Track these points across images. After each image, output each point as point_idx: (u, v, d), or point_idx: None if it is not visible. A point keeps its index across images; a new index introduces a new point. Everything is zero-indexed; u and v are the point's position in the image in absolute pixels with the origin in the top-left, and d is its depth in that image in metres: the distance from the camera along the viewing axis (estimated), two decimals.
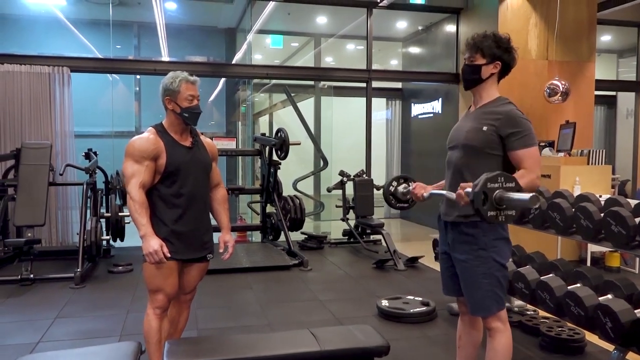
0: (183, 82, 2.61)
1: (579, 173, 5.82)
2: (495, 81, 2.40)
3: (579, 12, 7.34)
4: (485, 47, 2.34)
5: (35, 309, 4.29)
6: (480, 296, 2.34)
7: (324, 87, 9.74)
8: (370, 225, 6.55)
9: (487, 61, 2.35)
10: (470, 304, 2.41)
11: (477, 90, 2.42)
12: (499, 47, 2.34)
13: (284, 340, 2.62)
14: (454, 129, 2.52)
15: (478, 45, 2.36)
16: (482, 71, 2.36)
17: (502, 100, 2.39)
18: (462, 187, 2.07)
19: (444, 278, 2.58)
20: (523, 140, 2.25)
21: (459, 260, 2.39)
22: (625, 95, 9.84)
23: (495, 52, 2.34)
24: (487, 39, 2.35)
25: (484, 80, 2.38)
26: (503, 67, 2.38)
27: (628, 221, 2.68)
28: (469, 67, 2.40)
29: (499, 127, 2.28)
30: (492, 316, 2.36)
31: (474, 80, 2.39)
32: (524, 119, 2.29)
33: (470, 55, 2.39)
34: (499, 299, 2.36)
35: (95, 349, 2.55)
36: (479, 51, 2.36)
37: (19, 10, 8.01)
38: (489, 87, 2.40)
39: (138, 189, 2.48)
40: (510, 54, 2.37)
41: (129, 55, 8.84)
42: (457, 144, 2.43)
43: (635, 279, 3.38)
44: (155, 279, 2.58)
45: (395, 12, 8.79)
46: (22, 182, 5.41)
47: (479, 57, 2.36)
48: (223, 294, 4.79)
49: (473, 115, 2.42)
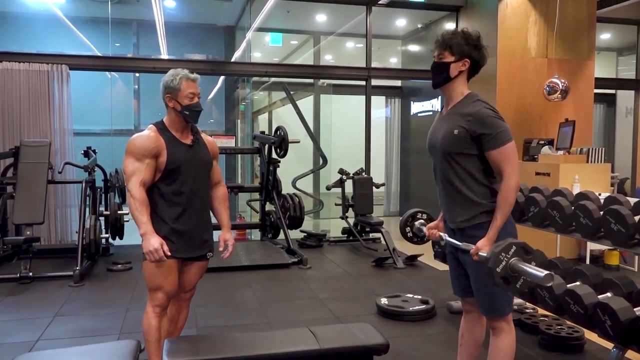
0: (184, 80, 2.60)
1: (579, 171, 5.82)
2: (464, 79, 2.36)
3: (578, 10, 7.34)
4: (454, 44, 2.30)
5: (34, 307, 4.29)
6: (494, 299, 2.33)
7: (323, 85, 9.73)
8: (370, 223, 6.55)
9: (456, 58, 2.31)
10: (482, 306, 2.40)
11: (446, 88, 2.38)
12: (467, 44, 2.30)
13: (283, 339, 2.62)
14: (430, 133, 2.50)
15: (447, 42, 2.32)
16: (450, 69, 2.32)
17: (471, 98, 2.34)
18: (477, 247, 2.19)
19: (453, 279, 2.57)
20: (495, 139, 2.22)
21: (468, 263, 2.37)
22: (625, 94, 9.83)
23: (464, 49, 2.30)
24: (456, 36, 2.32)
25: (452, 79, 2.34)
26: (472, 64, 2.33)
27: (627, 219, 2.67)
28: (437, 64, 2.36)
29: (469, 128, 2.25)
30: (500, 317, 2.37)
31: (443, 78, 2.35)
32: (494, 117, 2.25)
33: (439, 52, 2.35)
34: (510, 301, 2.37)
35: (95, 347, 2.55)
36: (448, 48, 2.32)
37: (17, 8, 7.99)
38: (457, 86, 2.36)
39: (139, 187, 2.48)
40: (479, 51, 2.33)
41: (128, 53, 8.82)
42: (435, 150, 2.42)
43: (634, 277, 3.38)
44: (155, 277, 2.58)
45: (395, 10, 8.78)
46: (21, 180, 5.40)
47: (448, 55, 2.32)
48: (222, 292, 4.78)
49: (445, 119, 2.39)
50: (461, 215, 2.34)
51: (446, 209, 2.44)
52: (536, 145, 6.37)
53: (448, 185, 2.36)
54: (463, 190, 2.31)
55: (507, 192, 2.22)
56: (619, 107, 10.15)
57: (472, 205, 2.30)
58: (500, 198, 2.23)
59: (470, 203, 2.31)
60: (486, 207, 2.29)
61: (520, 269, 1.97)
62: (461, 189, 2.31)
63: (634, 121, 9.44)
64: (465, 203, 2.32)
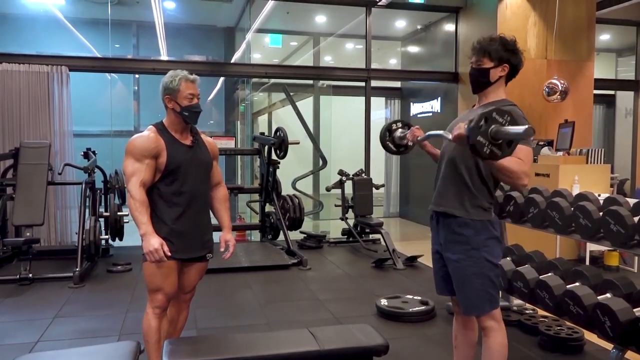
0: (183, 81, 2.61)
1: (578, 172, 5.82)
2: (503, 84, 2.40)
3: (578, 11, 7.35)
4: (493, 51, 2.34)
5: (34, 309, 4.29)
6: (473, 296, 2.35)
7: (323, 86, 9.73)
8: (370, 224, 6.56)
9: (495, 64, 2.35)
10: (462, 303, 2.42)
11: (484, 93, 2.42)
12: (506, 50, 2.34)
13: (283, 340, 2.62)
14: (454, 121, 2.52)
15: (485, 48, 2.35)
16: (490, 74, 2.36)
17: (507, 101, 2.38)
18: (458, 126, 2.10)
19: (437, 278, 2.58)
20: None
21: (451, 260, 2.40)
22: (624, 94, 9.84)
23: (503, 55, 2.34)
24: (494, 42, 2.35)
25: (492, 84, 2.38)
26: (510, 69, 2.37)
27: (627, 220, 2.67)
28: (477, 70, 2.39)
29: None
30: (485, 315, 2.37)
31: (483, 83, 2.39)
32: (525, 119, 2.28)
33: (477, 59, 2.38)
34: (492, 298, 2.36)
35: (94, 349, 2.55)
36: (487, 55, 2.35)
37: (17, 9, 7.99)
38: (496, 90, 2.39)
39: (138, 188, 2.48)
40: (517, 56, 2.37)
41: (127, 55, 8.83)
42: None
43: (634, 277, 3.38)
44: (155, 279, 2.58)
45: (394, 11, 8.79)
46: (21, 182, 5.40)
47: (487, 61, 2.36)
48: (222, 293, 4.78)
49: (476, 111, 2.41)
50: (452, 200, 2.36)
51: (438, 192, 2.46)
52: (536, 146, 6.38)
53: (452, 169, 2.38)
54: (466, 179, 2.33)
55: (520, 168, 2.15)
56: (619, 108, 10.16)
57: (467, 194, 2.33)
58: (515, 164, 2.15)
59: (466, 192, 2.33)
60: (478, 202, 2.31)
61: (502, 131, 1.94)
62: (463, 175, 2.34)
63: (634, 122, 9.45)
64: (461, 191, 2.35)
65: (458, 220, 2.35)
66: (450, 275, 2.45)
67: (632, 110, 9.54)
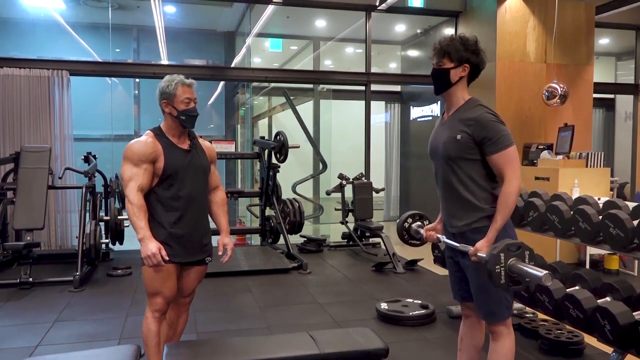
0: (179, 85, 2.62)
1: (578, 176, 5.82)
2: (465, 84, 2.38)
3: (577, 15, 7.37)
4: (453, 51, 2.32)
5: (34, 313, 4.29)
6: (492, 303, 2.34)
7: (323, 90, 9.74)
8: (370, 228, 6.56)
9: (455, 64, 2.33)
10: (481, 310, 2.41)
11: (447, 94, 2.40)
12: (466, 49, 2.32)
13: (283, 343, 2.62)
14: (431, 139, 2.51)
15: (445, 49, 2.34)
16: (450, 75, 2.34)
17: (473, 103, 2.36)
18: (476, 248, 2.19)
19: (453, 283, 2.57)
20: (496, 143, 2.23)
21: (468, 267, 2.38)
22: (624, 98, 9.85)
23: (463, 55, 2.32)
24: (453, 42, 2.33)
25: (453, 84, 2.36)
26: (472, 69, 2.35)
27: (626, 224, 2.68)
28: (437, 71, 2.37)
29: (472, 133, 2.27)
30: (499, 321, 2.37)
31: (444, 84, 2.37)
32: (495, 122, 2.27)
33: (438, 60, 2.37)
34: (509, 305, 2.37)
35: (95, 352, 2.55)
36: (446, 55, 2.34)
37: (18, 14, 8.01)
38: (459, 91, 2.37)
39: (136, 192, 2.49)
40: (478, 55, 2.35)
41: (128, 59, 8.84)
42: (437, 154, 2.43)
43: (634, 281, 3.39)
44: (153, 282, 2.58)
45: (394, 16, 8.80)
46: (21, 186, 5.41)
47: (447, 61, 2.34)
48: (222, 297, 4.78)
49: (447, 125, 2.40)
50: (462, 219, 2.35)
51: (447, 213, 2.45)
52: (535, 150, 6.39)
53: (450, 189, 2.38)
54: (465, 194, 2.32)
55: (508, 195, 2.23)
56: (618, 112, 10.17)
57: (474, 210, 2.32)
58: (501, 200, 2.24)
59: (472, 208, 2.32)
60: (488, 211, 2.30)
61: (519, 269, 1.98)
62: (463, 194, 2.33)
63: (633, 126, 9.45)
64: (466, 208, 2.33)
65: (470, 229, 2.34)
66: (465, 281, 2.44)
67: (632, 113, 9.55)
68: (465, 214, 2.34)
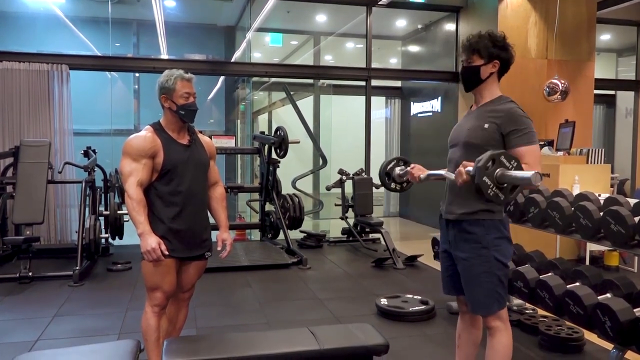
0: (178, 80, 2.61)
1: (578, 172, 5.82)
2: (495, 80, 2.40)
3: (578, 11, 7.34)
4: (482, 48, 2.34)
5: (33, 307, 4.29)
6: (481, 294, 2.35)
7: (323, 86, 9.73)
8: (370, 223, 6.55)
9: (485, 61, 2.35)
10: (470, 302, 2.41)
11: (478, 90, 2.42)
12: (495, 46, 2.34)
13: (282, 339, 2.61)
14: (455, 128, 2.52)
15: (474, 46, 2.35)
16: (481, 72, 2.36)
17: (504, 99, 2.38)
18: (463, 164, 2.09)
19: (444, 277, 2.58)
20: (524, 137, 2.25)
21: (460, 259, 2.39)
22: (625, 95, 9.84)
23: (493, 51, 2.33)
24: (482, 39, 2.34)
25: (484, 81, 2.38)
26: (502, 65, 2.37)
27: (627, 220, 2.68)
28: (467, 69, 2.39)
29: (501, 124, 2.28)
30: (492, 315, 2.36)
31: (474, 81, 2.39)
32: (525, 117, 2.29)
33: (467, 57, 2.38)
34: (500, 298, 2.36)
35: (94, 347, 2.54)
36: (476, 52, 2.35)
37: (17, 7, 7.99)
38: (489, 87, 2.39)
39: (136, 187, 2.48)
40: (507, 51, 2.36)
41: (128, 53, 8.82)
42: (458, 142, 2.43)
43: (634, 277, 3.39)
44: (153, 277, 2.58)
45: (395, 11, 8.78)
46: (21, 180, 5.40)
47: (477, 58, 2.36)
48: (222, 292, 4.78)
49: (475, 114, 2.41)
50: (463, 207, 2.35)
51: (449, 200, 2.44)
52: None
53: None
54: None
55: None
56: (619, 108, 10.15)
57: (477, 197, 2.31)
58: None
59: (474, 193, 2.31)
60: (489, 205, 2.29)
61: (508, 176, 1.95)
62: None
63: (634, 122, 9.44)
64: (471, 195, 2.32)
65: (468, 219, 2.34)
66: (458, 275, 2.45)
67: (633, 110, 9.54)
68: (467, 201, 2.33)
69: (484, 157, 1.97)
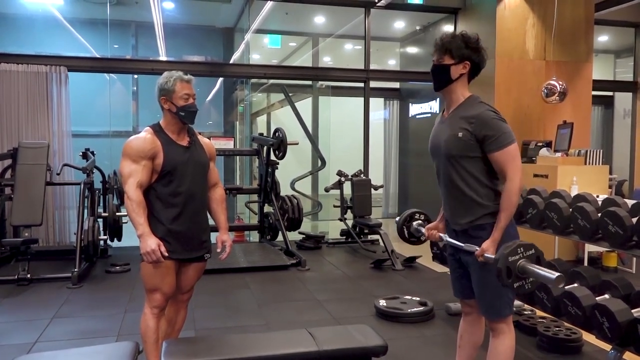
0: (178, 81, 2.61)
1: (577, 173, 5.82)
2: (465, 82, 2.36)
3: (576, 13, 7.35)
4: (454, 48, 2.31)
5: (32, 309, 4.28)
6: (495, 299, 2.35)
7: (321, 87, 9.73)
8: (368, 225, 6.56)
9: (456, 61, 2.32)
10: (482, 306, 2.41)
11: (447, 91, 2.38)
12: (467, 47, 2.31)
13: (281, 340, 2.62)
14: (432, 137, 2.50)
15: (446, 46, 2.33)
16: (451, 71, 2.32)
17: (473, 100, 2.35)
18: (483, 250, 2.20)
19: (454, 281, 2.58)
20: (498, 141, 2.23)
21: (470, 264, 2.38)
22: (623, 96, 9.85)
23: (464, 52, 2.31)
24: (455, 40, 2.32)
25: (453, 81, 2.34)
26: (472, 67, 2.34)
27: (625, 221, 2.68)
28: (437, 67, 2.36)
29: (473, 131, 2.26)
30: (500, 318, 2.37)
31: (444, 80, 2.35)
32: (497, 119, 2.26)
33: (438, 56, 2.36)
34: (510, 302, 2.38)
35: (93, 349, 2.54)
36: (448, 52, 2.32)
37: (16, 9, 7.98)
38: (459, 88, 2.36)
39: (135, 189, 2.48)
40: (479, 53, 2.33)
41: (126, 55, 8.82)
42: (438, 154, 2.42)
43: (632, 278, 3.39)
44: (152, 279, 2.58)
45: (393, 12, 8.78)
46: (19, 182, 5.40)
47: (448, 58, 2.33)
48: (221, 293, 4.78)
49: (447, 123, 2.39)
50: (465, 217, 2.35)
51: (449, 211, 2.45)
52: (534, 147, 6.38)
53: (452, 187, 2.37)
54: (467, 192, 2.32)
55: (511, 194, 2.23)
56: (617, 109, 10.17)
57: (476, 207, 2.32)
58: (504, 199, 2.24)
59: (475, 205, 2.32)
60: (490, 208, 2.30)
61: (530, 270, 1.98)
62: (465, 191, 2.32)
63: (632, 123, 9.45)
64: (469, 205, 2.33)
65: (474, 225, 2.34)
66: (466, 278, 2.44)
67: (631, 111, 9.55)
68: (468, 211, 2.33)
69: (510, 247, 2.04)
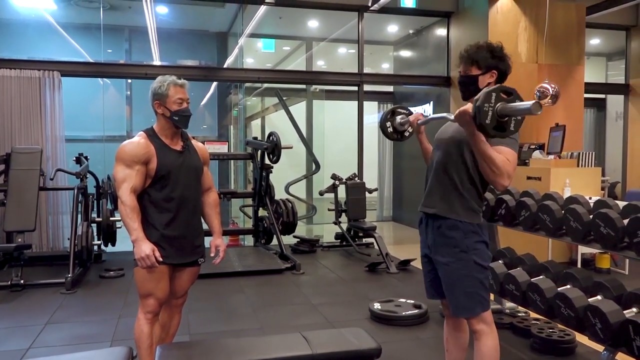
0: (171, 86, 2.61)
1: (569, 175, 5.86)
2: None
3: (568, 16, 7.41)
4: (481, 59, 2.35)
5: (26, 315, 4.26)
6: (463, 297, 2.36)
7: (315, 91, 9.75)
8: (363, 228, 6.57)
9: (483, 71, 2.36)
10: (452, 305, 2.43)
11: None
12: (493, 57, 2.35)
13: (276, 344, 2.62)
14: (441, 130, 2.54)
15: (472, 57, 2.37)
16: (479, 81, 2.37)
17: None
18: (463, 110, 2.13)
19: (426, 282, 2.59)
20: (502, 141, 2.24)
21: (440, 263, 2.41)
22: (615, 98, 9.92)
23: (491, 62, 2.35)
24: (481, 50, 2.36)
25: (481, 90, 2.38)
26: (499, 75, 2.38)
27: (616, 223, 2.70)
28: (465, 78, 2.40)
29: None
30: (476, 318, 2.38)
31: (472, 90, 2.37)
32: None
33: (465, 67, 2.40)
34: (482, 300, 2.37)
35: (87, 355, 2.54)
36: (474, 63, 2.36)
37: (9, 14, 7.96)
38: None
39: (129, 194, 2.48)
40: (504, 62, 2.38)
41: (120, 60, 8.81)
42: (444, 138, 2.45)
43: (625, 280, 3.41)
44: (146, 284, 2.58)
45: (386, 16, 8.82)
46: (12, 187, 5.38)
47: (475, 69, 2.37)
48: (215, 298, 4.77)
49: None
50: (441, 202, 2.38)
51: (428, 193, 2.47)
52: (527, 150, 6.42)
53: (442, 171, 2.40)
54: (454, 177, 2.35)
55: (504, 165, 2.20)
56: (609, 112, 10.24)
57: (456, 195, 2.35)
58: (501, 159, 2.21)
59: (455, 193, 2.35)
60: (468, 204, 2.33)
61: (508, 110, 1.96)
62: (452, 176, 2.35)
63: (624, 125, 9.52)
64: (450, 192, 2.36)
65: (448, 222, 2.36)
66: (439, 278, 2.46)
67: (622, 113, 9.62)
68: (446, 196, 2.37)
69: (483, 93, 1.99)
